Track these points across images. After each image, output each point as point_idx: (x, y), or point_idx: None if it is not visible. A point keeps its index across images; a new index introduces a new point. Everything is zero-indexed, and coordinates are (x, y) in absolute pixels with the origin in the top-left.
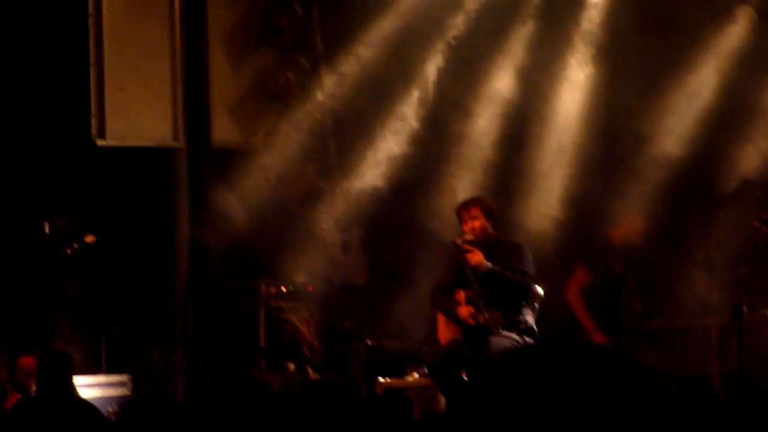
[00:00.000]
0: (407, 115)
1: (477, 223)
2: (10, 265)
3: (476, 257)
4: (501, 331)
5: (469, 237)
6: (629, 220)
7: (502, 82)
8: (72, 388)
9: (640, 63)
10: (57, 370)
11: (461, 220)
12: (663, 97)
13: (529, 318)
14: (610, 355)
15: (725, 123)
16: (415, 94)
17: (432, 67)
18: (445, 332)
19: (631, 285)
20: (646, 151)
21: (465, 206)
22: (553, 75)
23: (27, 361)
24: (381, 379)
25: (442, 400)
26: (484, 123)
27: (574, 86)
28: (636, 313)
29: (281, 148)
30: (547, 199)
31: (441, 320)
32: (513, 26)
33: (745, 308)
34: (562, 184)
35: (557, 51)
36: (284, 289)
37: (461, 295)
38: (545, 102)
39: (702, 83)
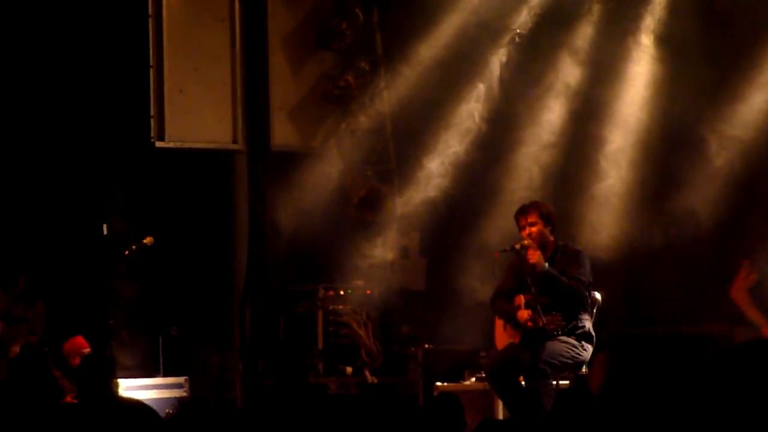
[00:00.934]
0: (470, 118)
1: (535, 228)
2: (69, 267)
3: (535, 256)
4: (559, 335)
5: (527, 242)
6: None
7: (568, 77)
8: (113, 391)
9: (704, 59)
10: (98, 372)
11: (519, 226)
12: (727, 95)
13: (587, 323)
14: None
15: None
16: (477, 97)
17: (495, 66)
18: (503, 337)
19: None
20: (699, 154)
21: (523, 211)
22: (618, 70)
23: (71, 343)
24: (438, 384)
25: (500, 404)
26: (548, 122)
27: (638, 82)
28: None
29: (340, 151)
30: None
31: (499, 325)
32: (577, 21)
33: None
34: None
35: (621, 46)
36: (342, 293)
37: (521, 300)
38: (610, 99)
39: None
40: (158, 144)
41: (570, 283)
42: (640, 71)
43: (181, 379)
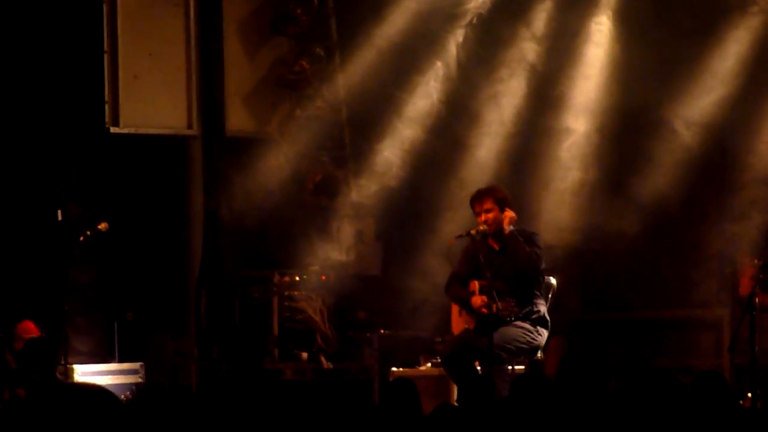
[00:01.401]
0: (426, 101)
1: (490, 215)
2: (23, 253)
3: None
4: (514, 320)
5: (483, 228)
6: None
7: (527, 58)
8: (55, 374)
9: (660, 41)
10: (39, 356)
11: (475, 212)
12: (681, 79)
13: (542, 308)
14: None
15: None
16: (434, 79)
17: (452, 48)
18: (458, 323)
19: None
20: (662, 136)
21: (478, 197)
22: (577, 52)
23: (18, 328)
24: (394, 369)
25: (455, 390)
26: (506, 106)
27: (597, 63)
28: None
29: (295, 137)
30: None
31: (455, 311)
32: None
33: (757, 300)
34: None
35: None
36: (298, 278)
37: (475, 285)
38: (569, 81)
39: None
40: (113, 130)
41: (531, 251)
42: (599, 52)
43: (136, 365)
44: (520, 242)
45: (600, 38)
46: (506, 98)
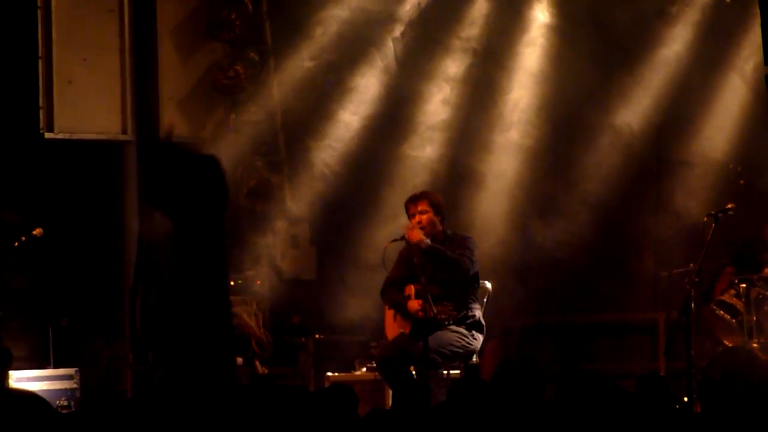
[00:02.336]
0: (359, 108)
1: (425, 217)
2: None
3: (416, 234)
4: (451, 324)
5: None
6: None
7: (455, 64)
8: (5, 382)
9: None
10: None
11: (409, 214)
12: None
13: (477, 312)
14: None
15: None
16: (366, 87)
17: (386, 56)
18: (393, 327)
19: None
20: (597, 143)
21: (413, 200)
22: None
23: None
24: (329, 374)
25: (390, 394)
26: (440, 108)
27: (528, 69)
28: None
29: (230, 141)
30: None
31: (389, 315)
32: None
33: (693, 304)
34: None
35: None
36: (233, 283)
37: (411, 289)
38: (504, 82)
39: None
40: (47, 135)
41: (454, 257)
42: (535, 59)
43: (71, 371)
44: (447, 248)
45: (536, 44)
46: (443, 105)
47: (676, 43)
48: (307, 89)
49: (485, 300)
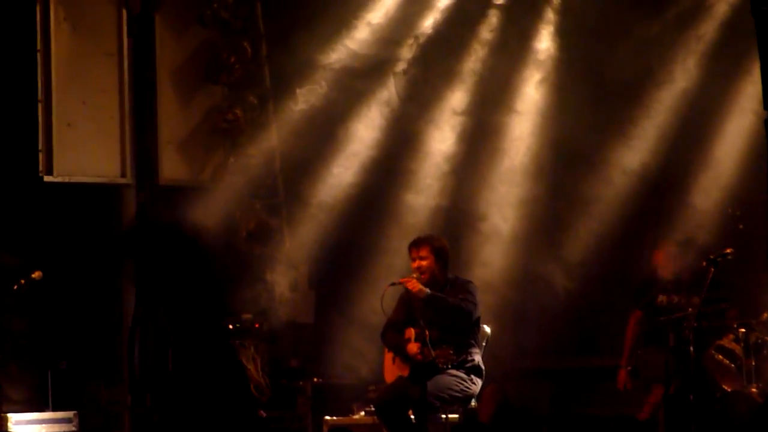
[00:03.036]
0: (358, 151)
1: (424, 263)
2: None
3: (414, 285)
4: (450, 368)
5: (416, 275)
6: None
7: (457, 101)
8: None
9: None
10: None
11: (411, 257)
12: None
13: (477, 356)
14: None
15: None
16: (363, 126)
17: (385, 98)
18: (392, 370)
19: None
20: (598, 180)
21: (416, 244)
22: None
23: None
24: (327, 418)
25: None
26: (440, 151)
27: (529, 102)
28: None
29: (229, 185)
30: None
31: (388, 358)
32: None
33: (691, 348)
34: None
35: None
36: (231, 327)
37: (411, 333)
38: (504, 124)
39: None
40: (46, 178)
41: (456, 303)
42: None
43: (70, 414)
44: (449, 293)
45: (537, 76)
46: (445, 146)
47: (676, 85)
48: (306, 132)
49: (484, 344)
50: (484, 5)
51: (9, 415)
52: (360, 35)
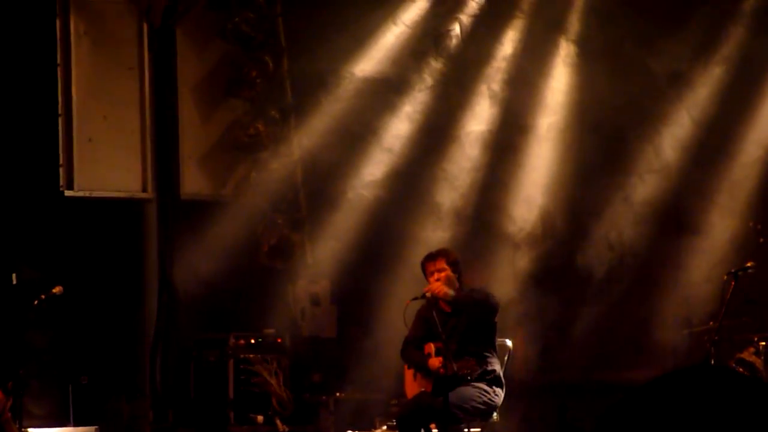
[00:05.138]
0: (379, 164)
1: (443, 275)
2: None
3: (439, 288)
4: (471, 380)
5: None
6: None
7: (481, 109)
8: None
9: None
10: None
11: (428, 273)
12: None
13: (497, 367)
14: None
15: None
16: (385, 140)
17: (406, 112)
18: (413, 386)
19: None
20: (618, 201)
21: (431, 258)
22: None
23: None
24: None
25: None
26: (459, 165)
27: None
28: None
29: (251, 199)
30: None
31: (409, 375)
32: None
33: (712, 362)
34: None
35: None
36: (253, 341)
37: (431, 348)
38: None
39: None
40: (67, 193)
41: (479, 297)
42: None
43: (91, 429)
44: (469, 297)
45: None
46: (466, 157)
47: (694, 99)
48: (328, 147)
49: (506, 358)
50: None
51: (30, 430)
52: (382, 46)
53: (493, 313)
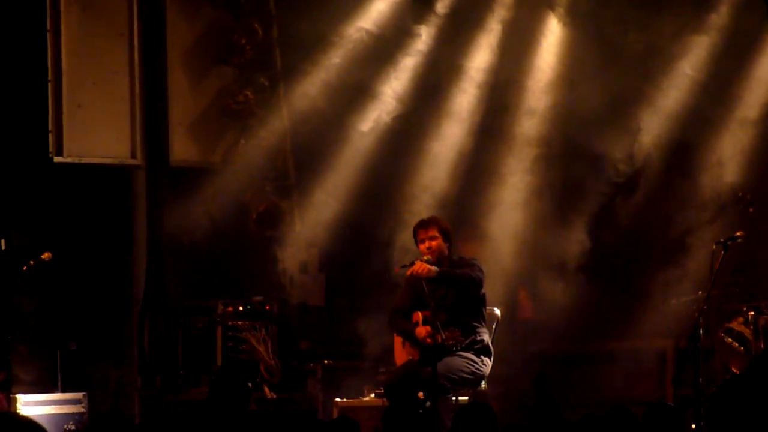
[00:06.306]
0: (368, 132)
1: (434, 243)
2: None
3: (422, 268)
4: (459, 350)
5: (426, 257)
6: None
7: (466, 97)
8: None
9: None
10: None
11: (418, 240)
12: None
13: (485, 337)
14: None
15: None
16: (377, 110)
17: (398, 79)
18: (401, 354)
19: None
20: (605, 164)
21: (423, 225)
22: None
23: None
24: (338, 400)
25: None
26: (452, 136)
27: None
28: None
29: (239, 166)
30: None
31: (398, 342)
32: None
33: (701, 331)
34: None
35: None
36: (241, 308)
37: (419, 316)
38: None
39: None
40: (56, 159)
41: (464, 274)
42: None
43: (79, 395)
44: (452, 275)
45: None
46: (454, 129)
47: (688, 67)
48: (316, 114)
49: (494, 327)
50: None
51: (18, 395)
52: (374, 10)
53: (478, 288)
